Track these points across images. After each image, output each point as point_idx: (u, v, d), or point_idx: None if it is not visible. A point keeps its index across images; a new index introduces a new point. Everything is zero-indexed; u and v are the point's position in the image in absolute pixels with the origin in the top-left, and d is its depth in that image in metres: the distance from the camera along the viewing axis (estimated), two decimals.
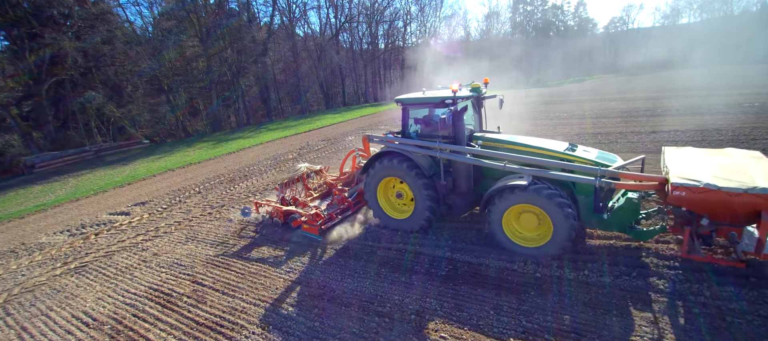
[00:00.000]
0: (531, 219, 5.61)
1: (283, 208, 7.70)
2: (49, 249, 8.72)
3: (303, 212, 7.31)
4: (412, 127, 7.06)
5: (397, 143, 6.84)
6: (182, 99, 33.41)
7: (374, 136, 7.46)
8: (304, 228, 7.14)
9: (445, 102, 6.08)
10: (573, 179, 5.30)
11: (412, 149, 6.55)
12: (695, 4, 61.98)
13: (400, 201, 7.07)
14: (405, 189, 6.87)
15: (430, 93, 6.71)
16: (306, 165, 9.55)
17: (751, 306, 4.21)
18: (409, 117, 6.91)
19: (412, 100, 6.73)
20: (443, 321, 4.56)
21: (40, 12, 23.64)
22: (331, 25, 47.67)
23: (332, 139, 20.08)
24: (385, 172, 6.73)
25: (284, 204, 8.01)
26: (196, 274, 6.46)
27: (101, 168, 20.38)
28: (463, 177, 6.30)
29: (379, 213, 7.16)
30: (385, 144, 7.05)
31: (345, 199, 7.85)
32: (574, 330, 4.16)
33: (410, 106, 6.85)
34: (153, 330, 5.06)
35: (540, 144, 6.14)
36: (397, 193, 6.99)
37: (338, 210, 7.64)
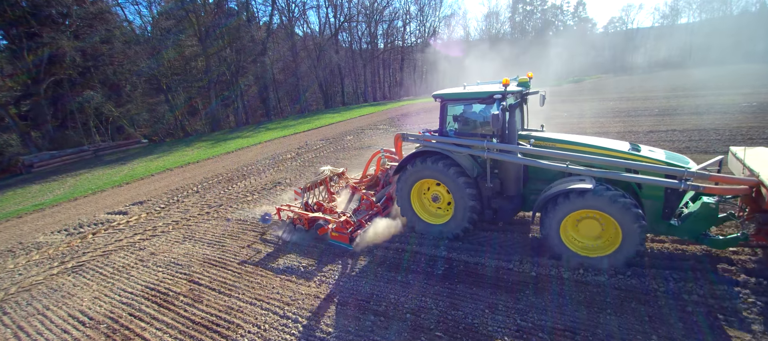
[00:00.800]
0: (592, 226, 5.10)
1: (309, 215, 7.16)
2: (47, 249, 8.72)
3: (331, 219, 6.83)
4: (449, 124, 6.54)
5: (434, 141, 6.33)
6: (181, 98, 33.39)
7: (409, 134, 6.94)
8: (333, 236, 6.65)
9: (493, 97, 5.57)
10: (652, 182, 4.78)
11: (453, 148, 6.03)
12: (694, 4, 62.06)
13: (435, 205, 6.62)
14: (441, 192, 6.42)
15: (474, 87, 6.19)
16: (329, 168, 9.01)
17: (743, 305, 4.22)
18: (447, 114, 6.38)
19: (454, 96, 6.20)
20: (439, 320, 4.57)
21: (39, 11, 23.62)
22: (331, 24, 47.69)
23: (331, 139, 20.09)
24: (422, 173, 6.25)
25: (308, 209, 7.56)
26: (193, 273, 6.46)
27: (99, 167, 20.37)
28: (513, 179, 5.81)
29: (413, 218, 6.67)
30: (421, 143, 6.54)
31: (373, 204, 7.40)
32: (568, 328, 4.18)
33: (451, 102, 6.32)
34: (149, 329, 5.06)
35: (601, 143, 5.64)
36: (433, 196, 6.53)
37: (367, 215, 7.16)
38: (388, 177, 8.18)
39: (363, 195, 7.64)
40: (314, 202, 7.77)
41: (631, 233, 4.72)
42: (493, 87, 5.87)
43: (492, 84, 6.21)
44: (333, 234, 6.62)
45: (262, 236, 7.65)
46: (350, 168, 12.93)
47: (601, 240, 5.18)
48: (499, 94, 5.52)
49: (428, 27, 59.95)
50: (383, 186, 8.14)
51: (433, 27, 60.38)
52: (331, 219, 6.84)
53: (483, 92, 5.80)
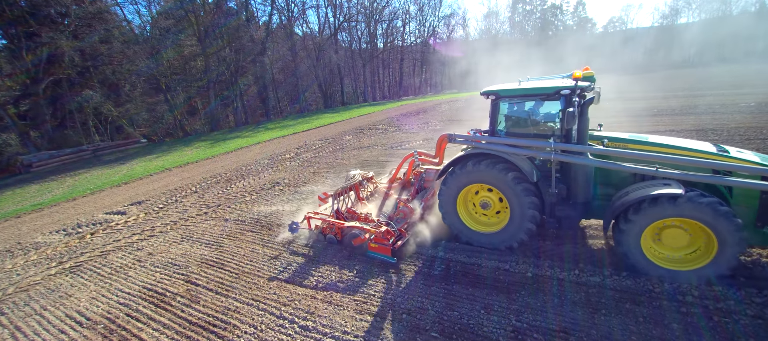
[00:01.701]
0: (678, 236, 4.61)
1: (344, 224, 6.52)
2: (45, 249, 8.73)
3: (369, 228, 6.17)
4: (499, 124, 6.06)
5: (484, 142, 5.79)
6: (180, 98, 33.40)
7: (458, 135, 6.29)
8: (372, 247, 6.11)
9: (560, 92, 5.04)
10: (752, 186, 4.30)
11: (509, 150, 5.49)
12: (694, 4, 62.11)
13: (483, 212, 6.08)
14: (492, 199, 5.87)
15: (534, 82, 5.69)
16: (359, 172, 8.44)
17: (738, 306, 4.24)
18: (498, 112, 5.84)
19: (510, 92, 5.62)
20: (435, 321, 4.58)
21: (38, 11, 23.61)
22: (330, 24, 47.72)
23: (330, 139, 20.10)
24: (472, 178, 5.73)
25: (339, 217, 6.97)
26: (191, 274, 6.48)
27: (98, 167, 20.38)
28: (583, 184, 5.26)
29: (459, 227, 6.15)
30: (470, 144, 5.99)
31: (412, 211, 6.83)
32: (563, 329, 4.19)
33: (505, 99, 5.76)
34: (146, 329, 5.07)
35: (681, 143, 5.22)
36: (481, 203, 6.00)
37: (405, 223, 6.59)
38: (422, 181, 7.74)
39: (400, 202, 7.04)
40: (346, 209, 7.14)
41: (729, 244, 4.26)
42: (559, 81, 5.37)
43: (552, 78, 5.75)
44: (372, 245, 6.08)
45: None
46: (350, 167, 12.95)
47: (688, 251, 4.67)
48: (568, 89, 4.98)
49: (428, 27, 59.95)
50: (417, 191, 7.63)
51: (433, 27, 60.39)
52: (370, 228, 6.18)
53: (547, 88, 5.22)
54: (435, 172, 7.41)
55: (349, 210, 7.08)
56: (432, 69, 63.54)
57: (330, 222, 6.75)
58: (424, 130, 20.18)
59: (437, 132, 18.85)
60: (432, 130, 19.88)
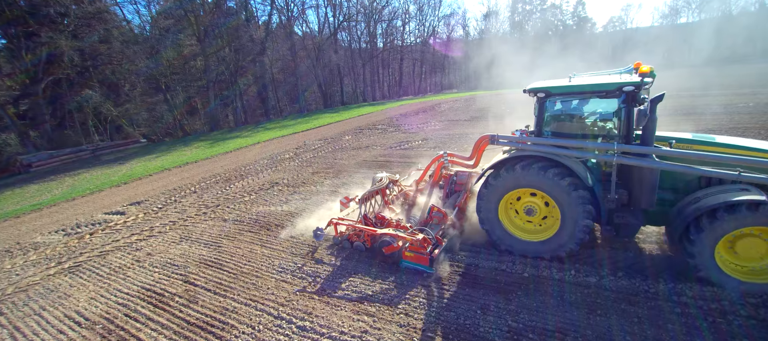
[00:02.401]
0: (756, 245, 4.28)
1: (377, 231, 6.09)
2: (44, 249, 8.75)
3: (405, 236, 5.74)
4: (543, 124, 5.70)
5: (529, 143, 5.43)
6: (180, 98, 33.44)
7: (501, 136, 5.84)
8: (407, 256, 5.71)
9: (623, 89, 4.68)
10: None
11: (561, 152, 5.11)
12: (694, 4, 62.12)
13: (528, 219, 5.66)
14: (538, 204, 5.48)
15: (591, 78, 5.36)
16: (386, 174, 7.98)
17: (732, 307, 4.27)
18: (546, 111, 5.46)
19: (562, 89, 5.24)
20: (431, 321, 4.61)
21: (37, 10, 23.63)
22: (330, 24, 47.75)
23: (329, 139, 20.13)
24: (520, 182, 5.31)
25: (368, 223, 6.57)
26: (189, 274, 6.50)
27: (98, 167, 20.40)
28: (648, 188, 4.84)
29: (500, 234, 5.75)
30: (515, 146, 5.62)
31: (446, 216, 6.40)
32: (558, 329, 4.22)
33: (555, 97, 5.35)
34: (144, 329, 5.10)
35: (750, 144, 4.91)
36: (526, 209, 5.57)
37: (440, 230, 6.20)
38: (453, 184, 7.39)
39: (433, 206, 6.60)
40: (374, 214, 6.74)
41: None
42: (618, 77, 4.99)
43: (608, 74, 5.37)
44: (406, 254, 5.68)
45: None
46: (348, 167, 12.98)
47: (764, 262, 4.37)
48: (632, 85, 4.62)
49: (428, 26, 59.97)
50: (447, 195, 7.29)
51: (433, 26, 60.42)
52: (405, 236, 5.75)
53: (608, 84, 4.85)
54: (468, 175, 7.19)
55: (377, 216, 6.65)
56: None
57: (358, 228, 6.35)
58: (424, 129, 20.21)
59: (437, 131, 18.88)
60: (432, 129, 19.90)
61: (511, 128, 7.51)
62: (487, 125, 19.47)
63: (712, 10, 60.79)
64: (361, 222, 6.58)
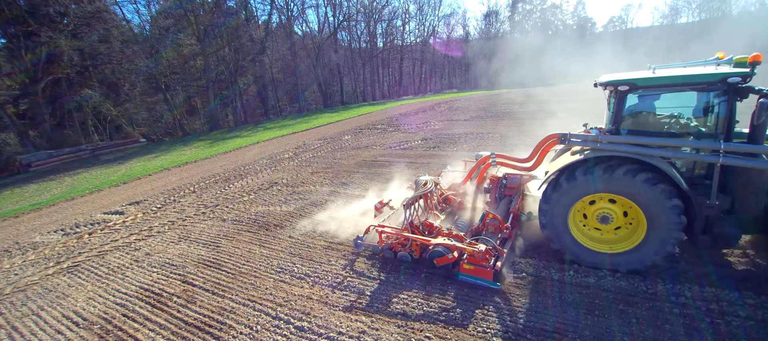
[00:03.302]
0: None
1: (431, 241, 5.58)
2: (43, 249, 8.75)
3: (465, 246, 5.25)
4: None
5: (604, 142, 4.87)
6: (180, 98, 33.43)
7: (575, 135, 5.24)
8: (466, 269, 5.19)
9: (727, 81, 4.22)
10: None
11: (654, 151, 4.57)
12: (694, 4, 62.12)
13: (598, 227, 5.17)
14: (614, 211, 4.97)
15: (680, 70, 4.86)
16: (430, 177, 7.41)
17: (730, 307, 4.26)
18: (625, 106, 4.97)
19: (654, 81, 4.70)
20: (429, 321, 4.60)
21: (37, 10, 23.62)
22: (330, 23, 47.75)
23: (329, 139, 20.12)
24: (599, 186, 4.78)
25: (415, 231, 6.05)
26: (188, 274, 6.49)
27: (97, 167, 20.39)
28: (758, 193, 4.40)
29: (567, 243, 5.24)
30: (592, 146, 4.99)
31: (503, 225, 5.85)
32: (557, 330, 4.21)
33: (645, 90, 4.83)
34: (142, 329, 5.09)
35: None
36: (600, 216, 5.07)
37: (498, 240, 5.67)
38: (503, 187, 6.94)
39: (487, 213, 6.01)
40: (421, 221, 6.22)
41: None
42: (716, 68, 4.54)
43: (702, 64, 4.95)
44: (465, 266, 5.19)
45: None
46: (348, 167, 12.97)
47: None
48: (738, 76, 4.16)
49: (427, 26, 59.97)
50: (496, 200, 6.86)
51: (433, 26, 60.41)
52: (465, 246, 5.26)
53: (708, 75, 4.39)
54: (519, 177, 6.80)
55: (425, 223, 6.12)
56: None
57: (404, 236, 5.84)
58: (424, 129, 20.20)
59: (437, 131, 18.87)
60: (431, 129, 19.90)
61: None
62: (495, 125, 19.46)
63: (712, 10, 60.81)
64: (407, 229, 6.00)
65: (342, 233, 7.36)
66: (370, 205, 8.24)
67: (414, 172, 11.37)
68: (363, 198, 9.30)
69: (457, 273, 5.32)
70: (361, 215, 8.03)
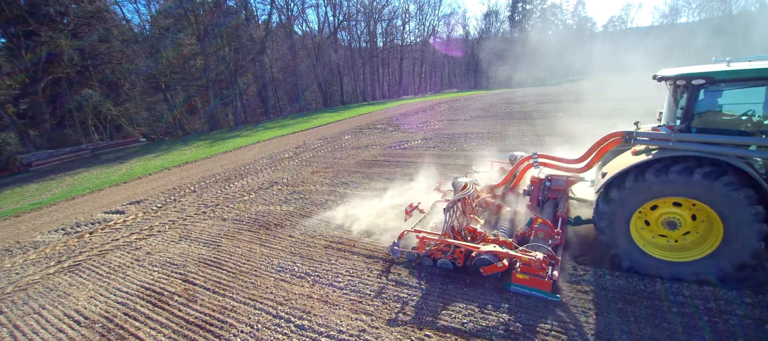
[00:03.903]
0: None
1: (481, 248, 5.20)
2: (44, 248, 8.77)
3: (518, 255, 4.85)
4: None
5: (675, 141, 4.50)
6: (180, 97, 33.46)
7: (642, 133, 4.89)
8: (519, 279, 4.81)
9: None
10: None
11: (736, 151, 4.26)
12: (694, 4, 62.16)
13: (663, 233, 4.84)
14: (682, 216, 4.64)
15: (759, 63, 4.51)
16: (469, 180, 6.81)
17: (728, 306, 4.29)
18: (696, 101, 4.62)
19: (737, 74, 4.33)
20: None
21: (37, 10, 23.64)
22: (330, 23, 47.77)
23: (329, 138, 20.14)
24: (668, 190, 4.45)
25: (457, 237, 5.64)
26: (188, 273, 6.52)
27: (98, 166, 20.41)
28: None
29: (628, 250, 4.91)
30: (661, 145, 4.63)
31: (554, 230, 5.41)
32: (555, 329, 4.24)
33: (727, 83, 4.45)
34: (143, 328, 5.12)
35: None
36: (668, 222, 4.74)
37: (550, 247, 5.21)
38: (546, 190, 6.54)
39: (536, 218, 5.60)
40: (463, 226, 5.83)
41: None
42: None
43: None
44: (518, 276, 4.81)
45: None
46: (348, 167, 13.00)
47: None
48: None
49: (427, 26, 59.99)
50: (539, 203, 6.51)
51: (433, 26, 60.44)
52: (518, 254, 4.85)
53: None
54: (566, 179, 6.45)
55: (467, 229, 5.73)
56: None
57: (449, 243, 5.45)
58: (424, 129, 20.22)
59: (437, 131, 18.90)
60: (431, 129, 19.92)
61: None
62: (495, 125, 19.48)
63: (712, 10, 60.85)
64: (448, 235, 5.57)
65: (356, 233, 7.38)
66: (373, 205, 8.29)
67: (413, 172, 11.40)
68: (371, 198, 9.33)
69: (508, 283, 4.95)
70: (376, 216, 7.93)
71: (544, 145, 12.53)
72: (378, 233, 7.17)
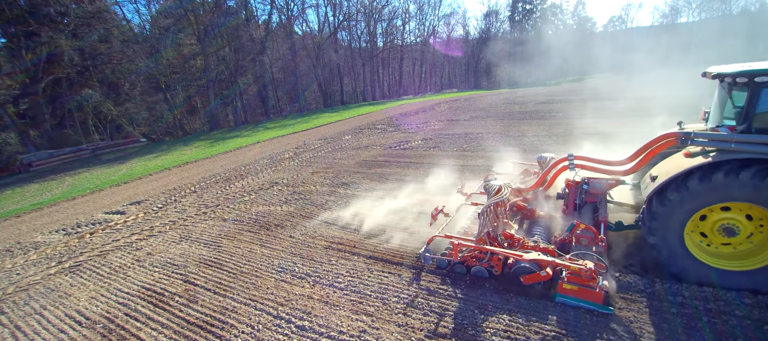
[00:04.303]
0: None
1: (524, 256, 4.83)
2: (45, 248, 8.79)
3: (566, 263, 4.53)
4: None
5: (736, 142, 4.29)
6: (180, 97, 33.46)
7: (700, 134, 4.68)
8: (566, 290, 4.50)
9: None
10: None
11: None
12: (694, 4, 62.16)
13: (724, 241, 4.62)
14: (740, 222, 4.47)
15: None
16: (504, 182, 6.47)
17: (727, 307, 4.30)
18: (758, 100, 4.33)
19: None
20: (429, 322, 4.63)
21: (37, 10, 23.64)
22: (330, 23, 47.77)
23: (329, 139, 20.16)
24: (735, 194, 4.25)
25: (493, 242, 5.32)
26: (189, 274, 6.53)
27: (98, 166, 20.42)
28: None
29: (686, 260, 4.66)
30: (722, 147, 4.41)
31: (598, 237, 5.10)
32: (554, 330, 4.25)
33: None
34: (144, 329, 5.13)
35: None
36: (725, 228, 4.55)
37: (596, 255, 4.81)
38: (583, 193, 6.16)
39: (578, 223, 5.31)
40: (500, 232, 5.49)
41: None
42: None
43: None
44: (565, 286, 4.49)
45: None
46: (348, 167, 13.01)
47: None
48: None
49: (427, 26, 59.99)
50: (575, 207, 6.18)
51: (433, 26, 60.43)
52: (566, 263, 4.53)
53: None
54: (606, 182, 6.06)
55: (504, 235, 5.42)
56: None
57: (483, 249, 5.16)
58: (424, 129, 20.23)
59: (437, 131, 18.90)
60: (431, 129, 19.93)
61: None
62: (497, 125, 19.49)
63: (712, 10, 60.85)
64: (484, 241, 5.29)
65: (357, 233, 7.39)
66: (373, 206, 8.28)
67: (414, 173, 11.42)
68: (371, 199, 9.34)
69: (554, 293, 4.63)
70: (377, 216, 7.93)
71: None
72: (379, 234, 7.19)
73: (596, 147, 10.48)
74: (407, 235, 6.92)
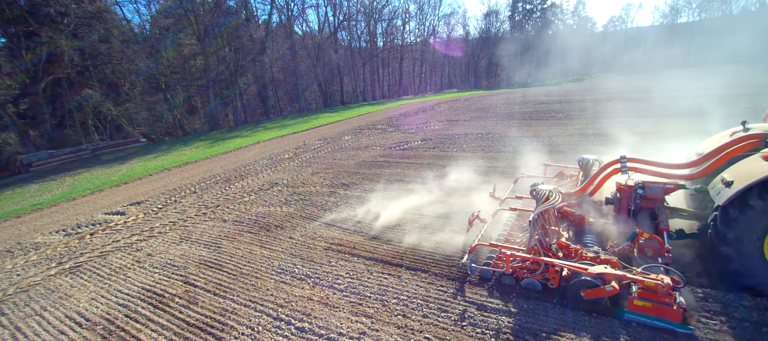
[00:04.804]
0: None
1: (589, 268, 4.39)
2: (45, 249, 8.80)
3: (638, 277, 4.13)
4: None
5: None
6: (180, 98, 33.48)
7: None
8: (639, 307, 4.09)
9: None
10: None
11: None
12: (694, 4, 62.17)
13: None
14: None
15: None
16: (553, 187, 5.92)
17: (726, 309, 4.31)
18: None
19: None
20: (428, 322, 4.64)
21: (37, 10, 23.66)
22: (330, 23, 47.78)
23: (329, 139, 20.16)
24: None
25: (548, 253, 4.89)
26: (189, 275, 6.54)
27: (98, 167, 20.43)
28: None
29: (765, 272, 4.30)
30: None
31: (663, 247, 4.71)
32: (554, 330, 4.26)
33: None
34: (144, 330, 5.14)
35: None
36: None
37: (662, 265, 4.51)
38: (638, 199, 5.60)
39: (640, 232, 4.86)
40: (554, 242, 5.06)
41: None
42: None
43: None
44: (637, 303, 4.10)
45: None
46: (348, 168, 13.01)
47: None
48: None
49: (427, 26, 60.00)
50: (630, 214, 5.66)
51: (433, 26, 60.45)
52: (638, 277, 4.13)
53: None
54: (663, 187, 5.53)
55: (559, 245, 5.00)
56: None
57: (538, 260, 4.78)
58: (424, 129, 20.24)
59: (437, 132, 18.91)
60: (431, 130, 19.94)
61: None
62: (497, 125, 19.48)
63: (712, 10, 60.85)
64: (536, 251, 4.89)
65: (357, 234, 7.39)
66: (374, 206, 8.28)
67: (414, 173, 11.43)
68: (371, 200, 9.34)
69: (621, 310, 4.25)
70: (379, 217, 7.93)
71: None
72: (380, 234, 7.20)
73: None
74: (408, 236, 6.94)
